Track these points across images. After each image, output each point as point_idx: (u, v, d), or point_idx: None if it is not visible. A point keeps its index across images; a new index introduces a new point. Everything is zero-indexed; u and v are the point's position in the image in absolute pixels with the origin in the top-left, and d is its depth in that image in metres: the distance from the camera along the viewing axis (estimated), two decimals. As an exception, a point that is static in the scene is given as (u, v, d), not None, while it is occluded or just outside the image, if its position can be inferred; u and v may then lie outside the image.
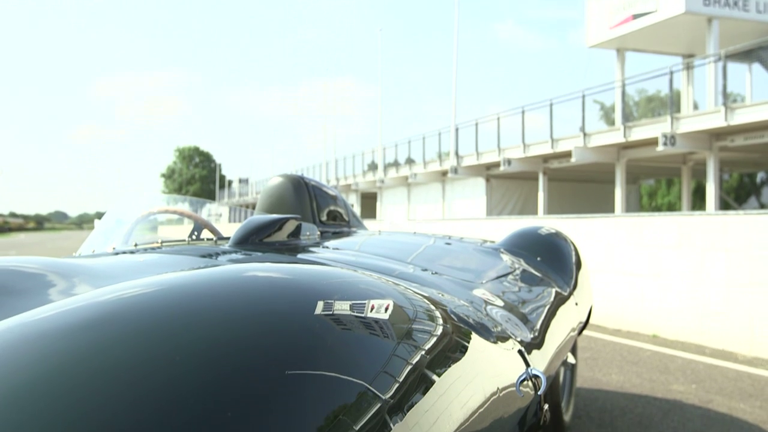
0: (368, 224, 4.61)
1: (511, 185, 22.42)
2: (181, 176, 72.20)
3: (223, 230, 2.48)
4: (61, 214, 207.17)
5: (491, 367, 1.14)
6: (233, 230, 1.95)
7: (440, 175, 24.25)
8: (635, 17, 17.44)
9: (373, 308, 0.85)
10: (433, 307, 1.05)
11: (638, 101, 31.45)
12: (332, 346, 0.72)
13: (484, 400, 1.01)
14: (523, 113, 19.29)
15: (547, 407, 1.51)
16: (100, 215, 2.64)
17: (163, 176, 74.67)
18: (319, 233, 2.48)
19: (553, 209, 19.66)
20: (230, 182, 66.80)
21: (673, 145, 14.26)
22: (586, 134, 16.88)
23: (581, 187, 22.26)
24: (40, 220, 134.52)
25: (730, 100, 15.96)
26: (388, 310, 0.87)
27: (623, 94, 17.36)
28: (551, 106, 18.07)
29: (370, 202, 31.78)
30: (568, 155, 17.52)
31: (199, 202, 2.82)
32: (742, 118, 13.07)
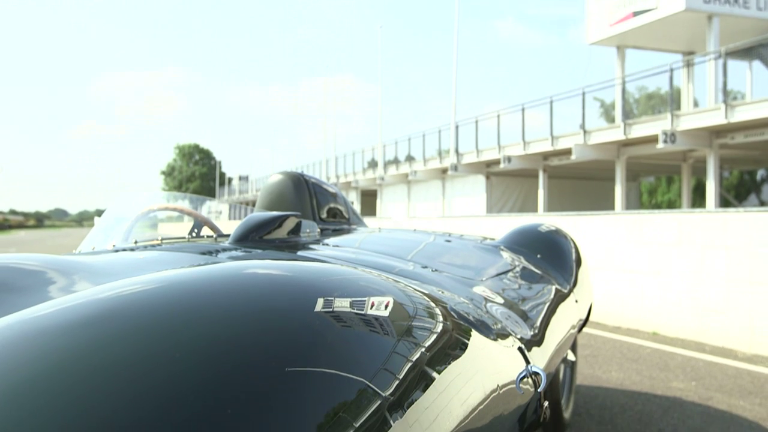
0: (368, 222, 4.61)
1: (511, 183, 22.42)
2: (181, 173, 72.19)
3: (223, 227, 2.48)
4: (61, 211, 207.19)
5: (491, 364, 1.14)
6: (233, 227, 1.95)
7: (440, 172, 24.25)
8: (635, 14, 17.43)
9: (373, 305, 0.85)
10: (433, 304, 1.05)
11: (638, 98, 31.46)
12: (332, 343, 0.72)
13: (484, 397, 1.01)
14: (523, 110, 19.28)
15: (547, 404, 1.51)
16: (100, 213, 2.64)
17: (163, 173, 74.70)
18: (319, 230, 2.48)
19: (553, 206, 19.66)
20: (230, 180, 66.81)
21: (673, 142, 14.26)
22: (586, 131, 16.88)
23: (581, 184, 22.27)
24: (40, 217, 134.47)
25: (730, 97, 15.95)
26: (388, 307, 0.87)
27: (623, 91, 17.36)
28: (551, 103, 18.07)
29: (370, 199, 31.78)
30: (568, 153, 17.52)
31: (199, 199, 2.82)
32: (742, 115, 13.07)
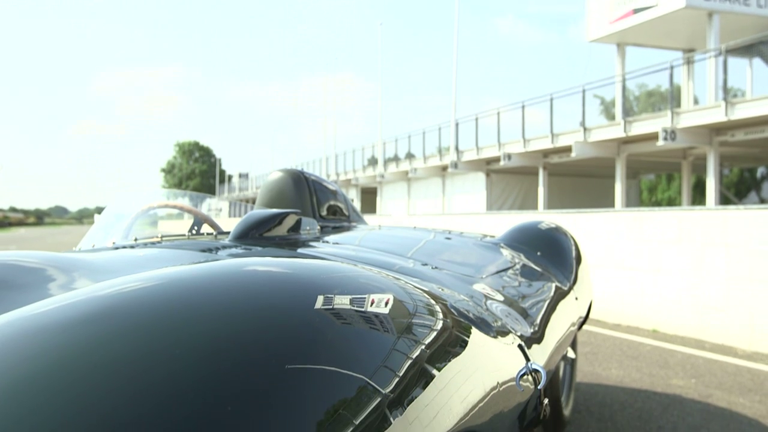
0: (368, 219, 4.61)
1: (511, 180, 22.41)
2: (181, 171, 72.16)
3: (223, 225, 2.48)
4: (61, 209, 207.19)
5: (491, 361, 1.14)
6: (233, 225, 1.95)
7: (440, 169, 24.25)
8: (636, 12, 17.41)
9: (373, 303, 0.85)
10: (433, 301, 1.05)
11: (638, 96, 31.46)
12: (332, 340, 0.72)
13: (484, 394, 1.01)
14: (523, 108, 19.27)
15: (546, 402, 1.51)
16: (100, 210, 2.64)
17: (163, 171, 74.70)
18: (319, 228, 2.48)
19: (553, 204, 19.66)
20: (230, 177, 66.70)
21: (673, 139, 14.26)
22: (586, 129, 16.88)
23: (581, 181, 22.26)
24: (40, 215, 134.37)
25: (730, 94, 15.96)
26: (388, 304, 0.87)
27: (623, 88, 17.35)
28: (551, 100, 18.06)
29: (370, 197, 31.77)
30: (568, 150, 17.52)
31: (199, 196, 2.82)
32: (742, 112, 13.06)
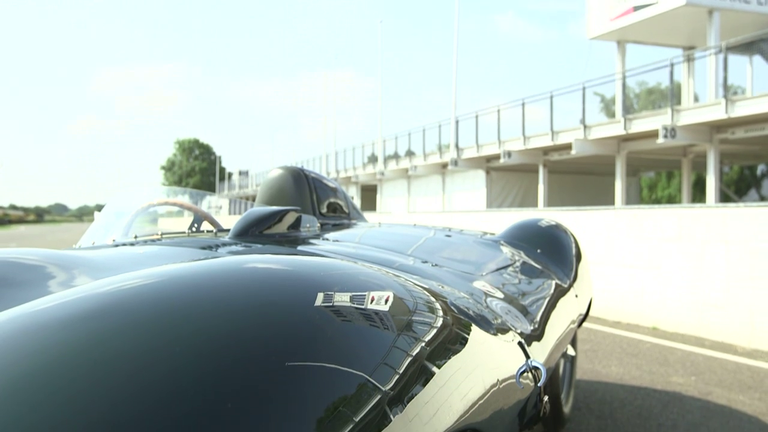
0: (368, 216, 4.61)
1: (511, 177, 22.40)
2: (181, 168, 72.14)
3: (223, 222, 2.48)
4: (61, 206, 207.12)
5: (491, 358, 1.14)
6: (233, 222, 1.95)
7: (440, 167, 24.23)
8: (636, 9, 17.39)
9: (373, 300, 0.85)
10: (433, 299, 1.05)
11: (639, 93, 31.44)
12: (332, 337, 0.72)
13: (484, 391, 1.01)
14: (523, 105, 19.26)
15: (546, 399, 1.51)
16: (100, 207, 2.64)
17: (163, 168, 74.63)
18: (319, 225, 2.48)
19: (553, 201, 19.66)
20: (230, 174, 66.68)
21: (673, 137, 14.25)
22: (586, 126, 16.87)
23: (581, 179, 22.25)
24: (40, 212, 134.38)
25: (730, 92, 15.95)
26: (388, 301, 0.87)
27: (624, 86, 17.34)
28: (551, 98, 18.04)
29: (370, 194, 31.76)
30: (568, 147, 17.51)
31: (199, 194, 2.82)
32: (742, 110, 13.05)
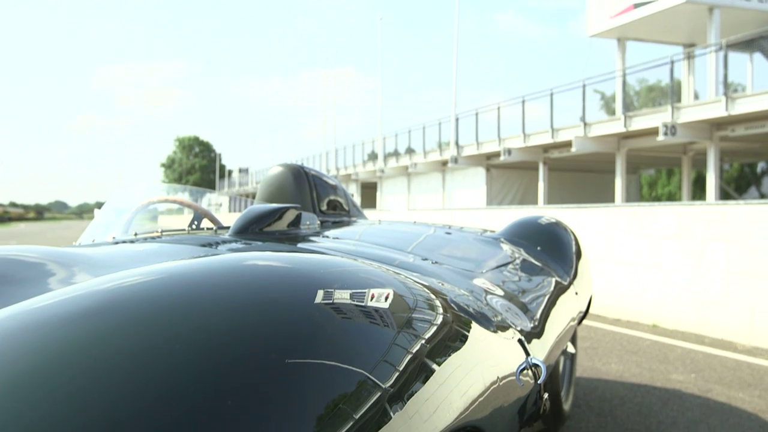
0: (368, 214, 4.60)
1: (511, 175, 22.40)
2: (181, 166, 72.09)
3: (223, 220, 2.48)
4: (61, 203, 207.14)
5: (491, 356, 1.14)
6: (233, 220, 1.95)
7: (440, 164, 24.23)
8: (636, 6, 17.36)
9: (373, 297, 0.85)
10: (433, 296, 1.05)
11: (639, 91, 31.37)
12: (332, 334, 0.72)
13: (484, 389, 1.01)
14: (523, 103, 19.25)
15: (546, 396, 1.51)
16: (100, 205, 2.64)
17: (163, 166, 74.59)
18: (319, 223, 2.48)
19: (553, 199, 19.65)
20: (230, 172, 66.67)
21: (673, 134, 14.24)
22: (586, 124, 16.85)
23: (581, 176, 22.25)
24: (40, 209, 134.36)
25: (730, 89, 15.93)
26: (388, 299, 0.87)
27: (624, 83, 17.32)
28: (551, 95, 18.03)
29: (370, 192, 31.76)
30: (568, 145, 17.50)
31: (199, 191, 2.82)
32: (742, 107, 13.05)
